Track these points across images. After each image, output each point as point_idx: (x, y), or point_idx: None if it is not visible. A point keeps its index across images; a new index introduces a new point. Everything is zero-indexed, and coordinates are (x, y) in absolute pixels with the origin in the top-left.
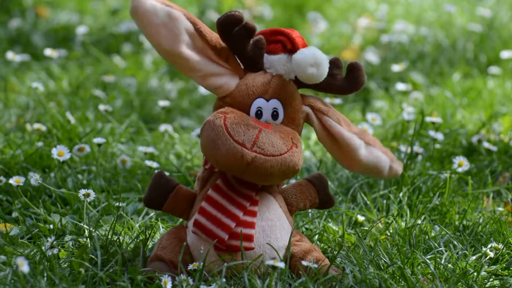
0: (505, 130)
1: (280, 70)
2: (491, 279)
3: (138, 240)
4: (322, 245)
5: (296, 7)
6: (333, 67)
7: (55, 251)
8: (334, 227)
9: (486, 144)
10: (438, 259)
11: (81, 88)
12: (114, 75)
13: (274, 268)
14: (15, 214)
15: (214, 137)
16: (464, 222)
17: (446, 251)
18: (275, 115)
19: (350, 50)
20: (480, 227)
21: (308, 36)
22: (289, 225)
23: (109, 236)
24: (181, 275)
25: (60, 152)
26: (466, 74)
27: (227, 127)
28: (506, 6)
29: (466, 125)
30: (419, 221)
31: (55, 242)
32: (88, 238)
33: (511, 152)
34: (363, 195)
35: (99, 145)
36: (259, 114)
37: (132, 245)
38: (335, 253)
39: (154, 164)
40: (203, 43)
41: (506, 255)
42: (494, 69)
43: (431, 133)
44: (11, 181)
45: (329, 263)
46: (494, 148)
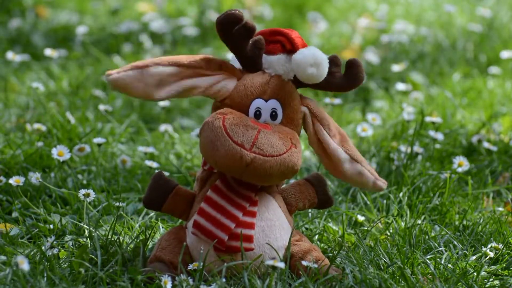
0: (505, 130)
1: (279, 71)
2: (491, 279)
3: (138, 240)
4: (322, 245)
5: (296, 7)
6: (332, 65)
7: (55, 251)
8: (334, 227)
9: (486, 144)
10: (438, 259)
11: (81, 88)
12: None
13: (274, 268)
14: (15, 214)
15: (213, 138)
16: (464, 222)
17: (446, 251)
18: (274, 116)
19: (350, 50)
20: (480, 227)
21: (308, 36)
22: (289, 225)
23: (109, 236)
24: (181, 275)
25: (60, 152)
26: (466, 74)
27: (226, 128)
28: (506, 6)
29: (466, 125)
30: (419, 221)
31: (55, 242)
32: (88, 238)
33: (511, 152)
34: (363, 195)
35: (99, 145)
36: (258, 115)
37: (132, 245)
38: (335, 253)
39: (154, 164)
40: (192, 70)
41: (506, 255)
42: (494, 69)
43: (431, 133)
44: (11, 181)
45: (329, 263)
46: (494, 148)
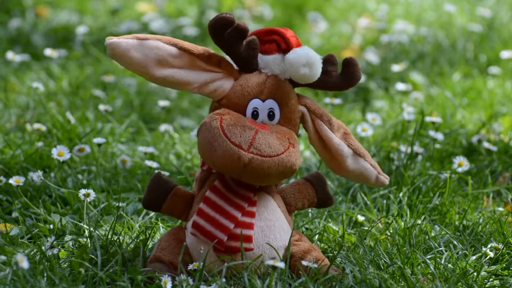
0: (505, 130)
1: (275, 70)
2: (491, 279)
3: (138, 240)
4: (322, 245)
5: (296, 7)
6: (328, 64)
7: (55, 251)
8: (334, 227)
9: (486, 144)
10: (438, 259)
11: (81, 88)
12: (114, 75)
13: (274, 268)
14: (15, 214)
15: (211, 139)
16: (464, 222)
17: (446, 251)
18: (272, 115)
19: (350, 50)
20: (480, 227)
21: (308, 36)
22: (288, 225)
23: (109, 236)
24: (181, 275)
25: (60, 152)
26: (466, 74)
27: (224, 129)
28: (506, 6)
29: (466, 125)
30: (419, 221)
31: (55, 242)
32: (88, 238)
33: (511, 152)
34: (363, 195)
35: (99, 145)
36: (255, 115)
37: (132, 245)
38: (335, 253)
39: (154, 164)
40: (191, 57)
41: (506, 255)
42: (494, 69)
43: (431, 133)
44: (11, 181)
45: (329, 263)
46: (494, 148)
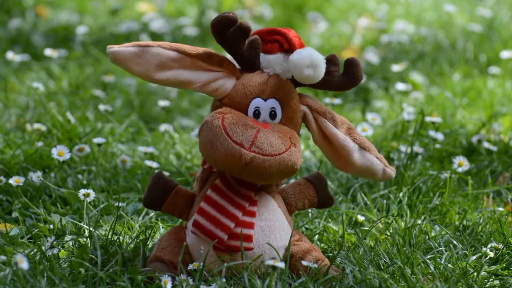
0: (505, 130)
1: (277, 70)
2: (491, 279)
3: (138, 240)
4: (322, 245)
5: (296, 7)
6: (330, 65)
7: (55, 251)
8: (334, 227)
9: (486, 144)
10: (438, 259)
11: (81, 88)
12: (114, 75)
13: (274, 268)
14: (15, 214)
15: (212, 138)
16: (464, 222)
17: (446, 251)
18: (273, 115)
19: (350, 50)
20: (480, 227)
21: (308, 36)
22: (288, 225)
23: (109, 236)
24: (181, 275)
25: (60, 152)
26: (466, 74)
27: (225, 128)
28: (506, 6)
29: (466, 125)
30: (419, 221)
31: (55, 242)
32: (88, 238)
33: (511, 152)
34: (363, 195)
35: (99, 145)
36: (257, 114)
37: (132, 245)
38: (335, 253)
39: (154, 164)
40: (192, 59)
41: (506, 255)
42: (494, 69)
43: (431, 133)
44: (11, 181)
45: (329, 263)
46: (494, 148)
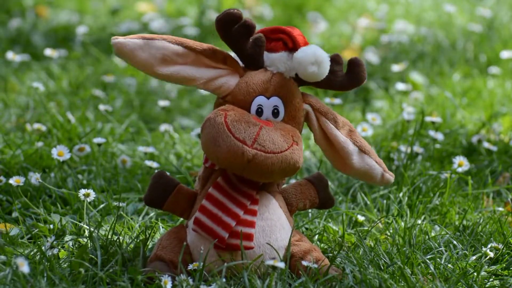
0: (505, 130)
1: (281, 68)
2: (491, 279)
3: (138, 240)
4: (322, 245)
5: (296, 7)
6: (334, 64)
7: (55, 251)
8: (334, 227)
9: (486, 144)
10: (438, 259)
11: (81, 88)
12: (114, 75)
13: (274, 268)
14: (15, 214)
15: (215, 135)
16: (464, 222)
17: (446, 251)
18: (276, 113)
19: (350, 50)
20: (480, 227)
21: (308, 36)
22: (289, 225)
23: (109, 236)
24: (181, 275)
25: (60, 152)
26: (466, 74)
27: (228, 124)
28: (506, 6)
29: (466, 125)
30: (419, 221)
31: (55, 242)
32: (88, 238)
33: (511, 152)
34: (363, 195)
35: (99, 145)
36: (260, 112)
37: (132, 245)
38: (335, 253)
39: (154, 164)
40: (196, 55)
41: (506, 255)
42: (494, 69)
43: (431, 133)
44: (11, 181)
45: (329, 263)
46: (494, 148)
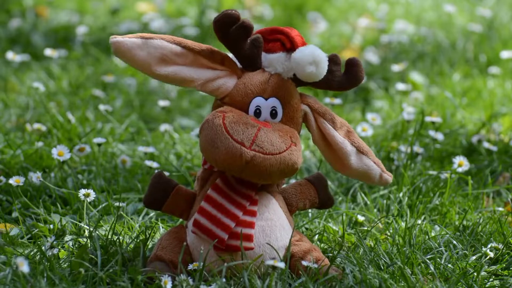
0: (505, 130)
1: (279, 69)
2: (491, 279)
3: (138, 240)
4: (322, 245)
5: (296, 7)
6: (332, 64)
7: (55, 251)
8: (334, 227)
9: (486, 144)
10: (438, 259)
11: (81, 88)
12: (114, 75)
13: (274, 268)
14: (15, 214)
15: (213, 136)
16: (464, 222)
17: (446, 251)
18: (274, 114)
19: (350, 50)
20: (480, 227)
21: (308, 36)
22: (289, 225)
23: (109, 236)
24: (181, 275)
25: (60, 152)
26: (466, 74)
27: (226, 126)
28: (506, 6)
29: (466, 125)
30: (419, 221)
31: (55, 242)
32: (88, 238)
33: (511, 152)
34: (363, 195)
35: (99, 145)
36: (258, 113)
37: (132, 245)
38: (335, 253)
39: (154, 164)
40: (194, 55)
41: (506, 255)
42: (494, 69)
43: (431, 133)
44: (11, 181)
45: (329, 263)
46: (494, 148)
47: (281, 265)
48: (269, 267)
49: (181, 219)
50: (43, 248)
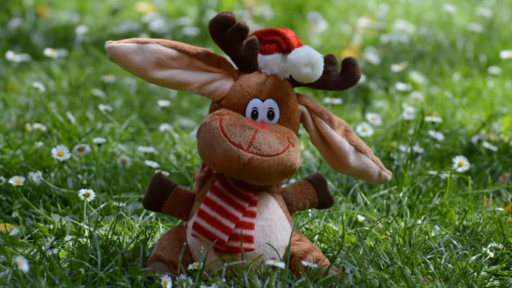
0: (505, 130)
1: (275, 70)
2: (491, 279)
3: (138, 240)
4: (322, 245)
5: (296, 7)
6: (328, 64)
7: (55, 251)
8: (334, 227)
9: (486, 144)
10: (438, 259)
11: (81, 88)
12: (114, 75)
13: (274, 268)
14: (15, 214)
15: (211, 139)
16: (464, 222)
17: (446, 251)
18: (271, 115)
19: (350, 50)
20: (480, 227)
21: (308, 36)
22: (289, 225)
23: (109, 236)
24: (181, 275)
25: (60, 152)
26: (466, 74)
27: (223, 129)
28: (506, 6)
29: (466, 125)
30: (419, 221)
31: (55, 242)
32: (88, 238)
33: (511, 152)
34: (363, 195)
35: (99, 145)
36: (255, 115)
37: (132, 245)
38: (335, 253)
39: (154, 164)
40: (190, 58)
41: (506, 255)
42: (494, 69)
43: (431, 133)
44: (11, 181)
45: (329, 263)
46: (494, 148)
47: (281, 265)
48: (269, 267)
49: (181, 220)
50: (43, 248)
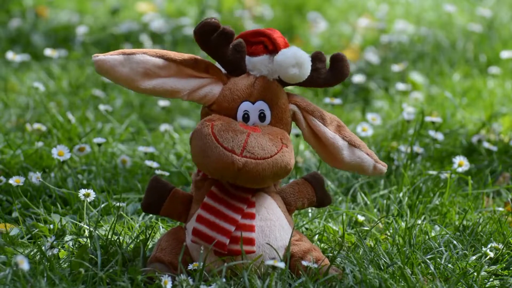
0: (505, 130)
1: (263, 71)
2: (491, 279)
3: (138, 240)
4: (322, 245)
5: (296, 7)
6: (316, 61)
7: (55, 251)
8: (334, 227)
9: (486, 144)
10: (438, 259)
11: (81, 88)
12: None
13: (274, 268)
14: (15, 214)
15: (203, 146)
16: (464, 222)
17: (446, 251)
18: (262, 117)
19: (350, 50)
20: (480, 227)
21: (308, 36)
22: (288, 225)
23: (109, 236)
24: (181, 275)
25: (60, 152)
26: (466, 74)
27: (215, 135)
28: (506, 6)
29: (466, 125)
30: (419, 221)
31: (55, 242)
32: (88, 238)
33: (511, 152)
34: (363, 195)
35: (99, 145)
36: (246, 118)
37: (132, 245)
38: (335, 253)
39: (154, 164)
40: (177, 66)
41: (506, 255)
42: (494, 69)
43: (431, 133)
44: (11, 181)
45: (329, 263)
46: (494, 148)
47: (281, 265)
48: (269, 267)
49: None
50: (43, 248)
